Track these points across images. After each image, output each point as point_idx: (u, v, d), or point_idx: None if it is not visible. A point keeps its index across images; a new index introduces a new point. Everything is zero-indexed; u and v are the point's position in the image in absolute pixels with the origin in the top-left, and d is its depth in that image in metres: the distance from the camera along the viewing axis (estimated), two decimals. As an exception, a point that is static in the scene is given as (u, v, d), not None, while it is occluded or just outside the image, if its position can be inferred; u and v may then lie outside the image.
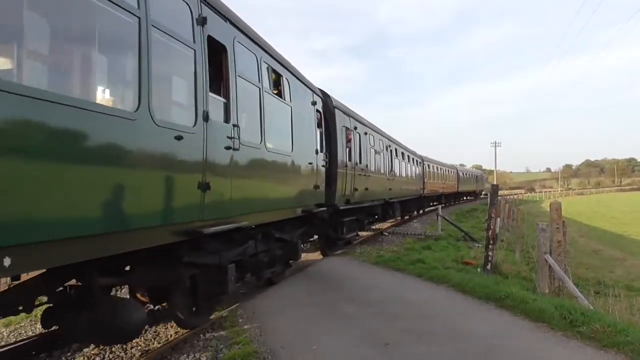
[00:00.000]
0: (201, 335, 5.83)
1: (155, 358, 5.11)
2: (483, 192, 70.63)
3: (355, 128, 13.11)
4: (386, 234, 17.54)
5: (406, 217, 25.21)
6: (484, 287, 7.68)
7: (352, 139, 12.64)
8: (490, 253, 9.69)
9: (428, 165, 29.14)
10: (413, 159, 24.61)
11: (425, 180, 27.29)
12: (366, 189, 13.56)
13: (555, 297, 7.71)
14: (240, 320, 6.41)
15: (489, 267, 9.57)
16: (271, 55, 7.51)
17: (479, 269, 9.88)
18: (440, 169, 34.51)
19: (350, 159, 12.26)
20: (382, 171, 16.50)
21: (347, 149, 12.14)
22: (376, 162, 15.58)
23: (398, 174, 19.53)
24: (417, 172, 25.51)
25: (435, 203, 33.11)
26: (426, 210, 30.81)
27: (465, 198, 49.68)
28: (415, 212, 27.67)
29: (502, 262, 10.98)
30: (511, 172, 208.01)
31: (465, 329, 5.91)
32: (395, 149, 19.58)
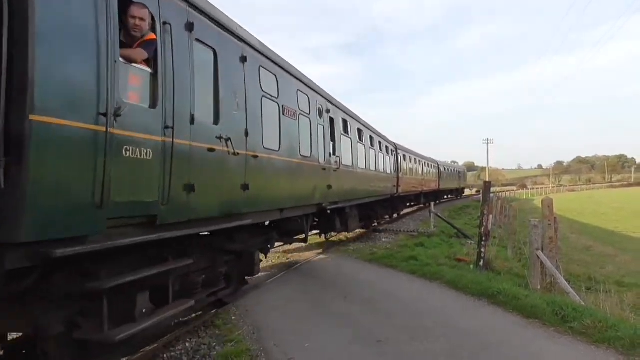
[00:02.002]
0: (194, 333, 5.80)
1: (148, 356, 5.08)
2: (474, 189, 71.08)
3: (191, 28, 4.95)
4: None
5: (374, 224, 18.32)
6: (477, 284, 7.73)
7: (165, 46, 4.51)
8: (483, 250, 9.73)
9: (404, 155, 22.68)
10: (380, 142, 17.13)
11: (400, 175, 20.71)
12: (245, 186, 5.97)
13: (547, 293, 7.77)
14: (233, 318, 6.39)
15: (481, 263, 9.61)
16: None
17: (472, 266, 9.92)
18: (420, 161, 27.87)
19: (155, 103, 4.34)
20: (309, 153, 8.77)
21: (148, 68, 4.35)
22: (287, 131, 7.69)
23: (352, 162, 12.31)
24: (389, 163, 18.53)
25: (413, 204, 28.24)
26: (401, 213, 24.87)
27: (446, 197, 43.44)
28: (388, 217, 21.30)
29: (495, 259, 11.02)
30: (503, 169, 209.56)
31: (459, 325, 5.94)
32: (345, 121, 12.08)
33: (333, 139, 10.89)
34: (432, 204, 24.21)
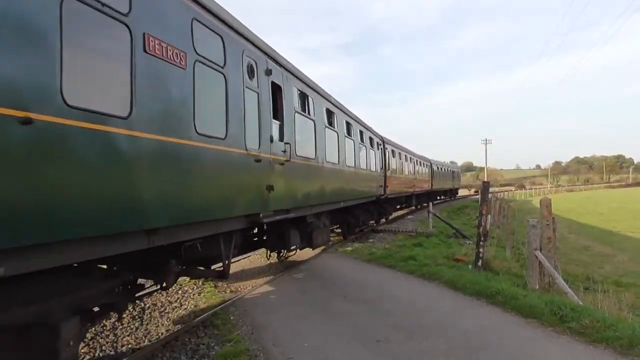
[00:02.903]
0: (192, 333, 5.80)
1: (147, 356, 5.08)
2: (473, 189, 71.13)
3: None
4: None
5: (357, 233, 15.56)
6: (475, 284, 7.74)
7: None
8: (481, 250, 9.74)
9: (392, 151, 19.78)
10: (362, 132, 14.12)
11: (388, 174, 17.98)
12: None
13: (545, 293, 7.78)
14: (231, 317, 6.40)
15: (480, 263, 9.62)
16: None
17: (470, 266, 9.93)
18: (411, 159, 25.02)
19: None
20: (222, 133, 5.52)
21: None
22: (155, 85, 4.30)
23: (315, 154, 9.19)
24: (374, 160, 15.73)
25: (404, 206, 25.61)
26: (390, 217, 21.94)
27: (439, 198, 40.19)
28: (374, 223, 18.61)
29: (493, 259, 11.04)
30: (501, 169, 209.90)
31: (457, 325, 5.94)
32: (303, 95, 8.85)
33: (279, 117, 7.52)
34: (431, 204, 24.15)
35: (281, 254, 9.55)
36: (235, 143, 5.78)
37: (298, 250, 9.73)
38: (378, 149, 16.70)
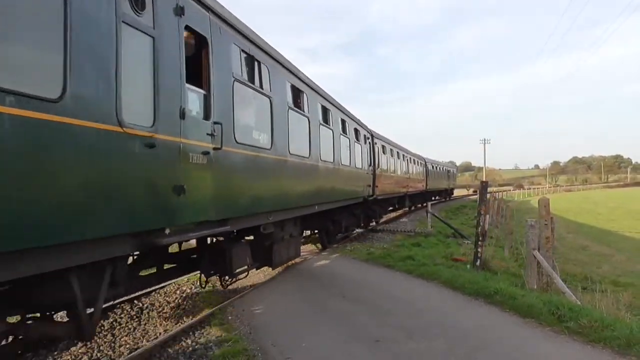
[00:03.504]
0: (190, 333, 5.79)
1: (145, 356, 5.07)
2: (471, 189, 71.22)
3: None
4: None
5: (339, 241, 14.05)
6: (474, 284, 7.74)
7: None
8: (479, 249, 9.75)
9: (383, 147, 18.00)
10: (344, 122, 12.27)
11: (378, 172, 16.37)
12: None
13: (543, 292, 7.79)
14: (229, 317, 6.39)
15: (478, 263, 9.63)
16: None
17: (468, 266, 9.94)
18: (404, 156, 23.31)
19: None
20: (60, 90, 3.19)
21: None
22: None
23: (271, 142, 7.01)
24: (360, 155, 13.91)
25: (397, 207, 24.48)
26: (380, 221, 20.35)
27: (434, 198, 38.19)
28: (362, 226, 17.28)
29: (492, 259, 11.05)
30: (500, 169, 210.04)
31: (455, 325, 5.95)
32: (252, 60, 6.54)
33: (203, 83, 5.31)
34: (429, 204, 24.19)
35: (225, 279, 7.25)
36: (88, 111, 3.45)
37: (255, 270, 7.95)
38: (366, 143, 14.76)
